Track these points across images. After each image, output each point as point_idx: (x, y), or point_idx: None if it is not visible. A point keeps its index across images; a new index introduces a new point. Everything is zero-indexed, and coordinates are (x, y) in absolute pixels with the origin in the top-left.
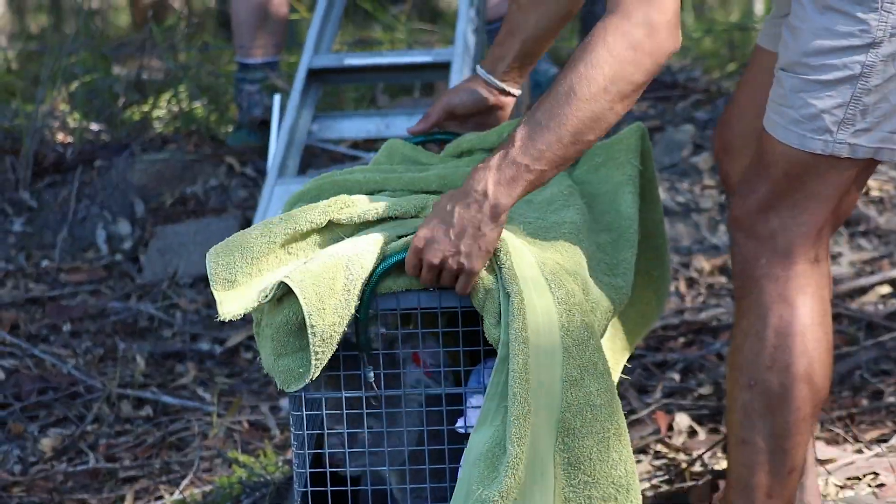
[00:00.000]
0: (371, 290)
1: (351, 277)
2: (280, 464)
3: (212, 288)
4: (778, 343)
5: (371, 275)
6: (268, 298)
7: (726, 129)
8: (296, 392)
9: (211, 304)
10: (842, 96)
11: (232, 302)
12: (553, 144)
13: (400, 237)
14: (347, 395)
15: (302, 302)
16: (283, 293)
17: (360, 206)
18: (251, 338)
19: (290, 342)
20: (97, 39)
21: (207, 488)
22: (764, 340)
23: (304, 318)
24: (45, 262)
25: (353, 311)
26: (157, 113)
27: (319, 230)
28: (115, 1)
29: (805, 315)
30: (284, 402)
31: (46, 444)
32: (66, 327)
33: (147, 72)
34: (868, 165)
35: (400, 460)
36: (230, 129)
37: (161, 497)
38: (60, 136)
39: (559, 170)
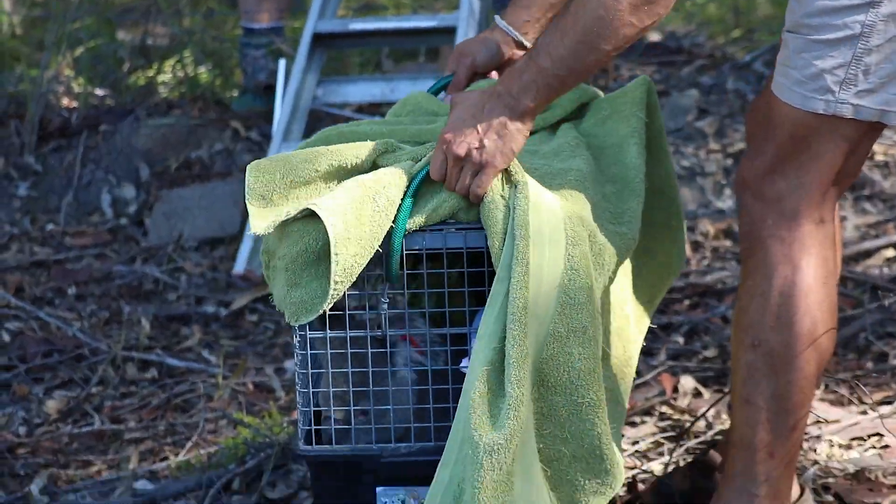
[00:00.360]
0: (406, 214)
1: (377, 209)
2: (285, 425)
3: (246, 201)
4: (782, 303)
5: (401, 203)
6: (291, 216)
7: (758, 108)
8: (301, 331)
9: (216, 266)
10: (843, 56)
11: (263, 218)
12: (570, 51)
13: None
14: (352, 334)
15: (329, 229)
16: (307, 222)
17: (409, 150)
18: (256, 300)
19: (305, 272)
20: (102, 5)
21: (212, 449)
22: (768, 301)
23: (322, 249)
24: (50, 226)
25: (376, 244)
26: (162, 78)
27: (362, 169)
28: None
29: (809, 276)
30: (289, 364)
31: (51, 406)
32: (72, 290)
33: (152, 37)
34: (873, 128)
35: (404, 401)
36: (235, 93)
37: (166, 458)
38: (65, 101)
39: (580, 78)
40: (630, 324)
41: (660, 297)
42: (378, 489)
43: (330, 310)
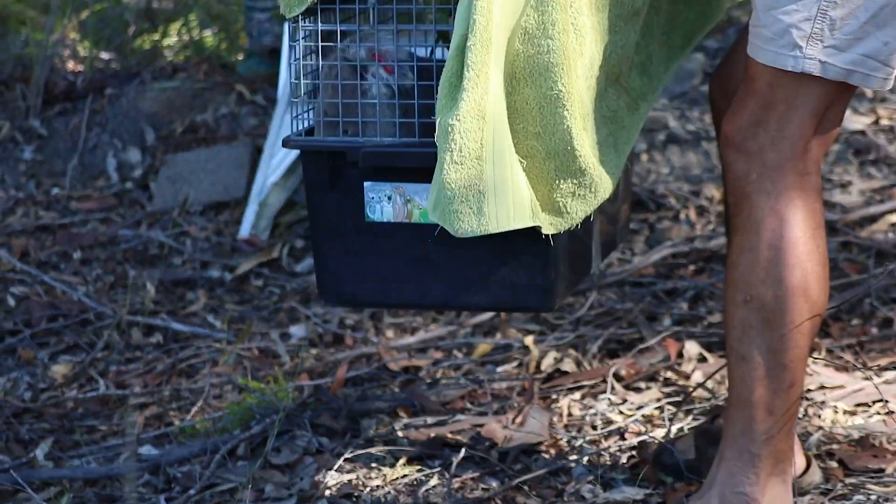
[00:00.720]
0: None
1: None
2: (290, 390)
3: None
4: (771, 256)
5: None
6: None
7: (726, 69)
8: (293, 22)
9: (221, 231)
10: (807, 10)
11: None
12: None
13: None
14: (343, 28)
15: None
16: None
17: None
18: (262, 265)
19: None
20: None
21: (217, 415)
22: (757, 255)
23: None
24: (55, 190)
25: None
26: (168, 41)
27: None
28: None
29: (797, 227)
30: (294, 329)
31: (57, 370)
32: (77, 255)
33: (157, 0)
34: (847, 88)
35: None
36: (240, 57)
37: (171, 423)
38: (71, 65)
39: None
40: (653, 62)
41: (694, 42)
42: (365, 183)
43: (323, 4)
